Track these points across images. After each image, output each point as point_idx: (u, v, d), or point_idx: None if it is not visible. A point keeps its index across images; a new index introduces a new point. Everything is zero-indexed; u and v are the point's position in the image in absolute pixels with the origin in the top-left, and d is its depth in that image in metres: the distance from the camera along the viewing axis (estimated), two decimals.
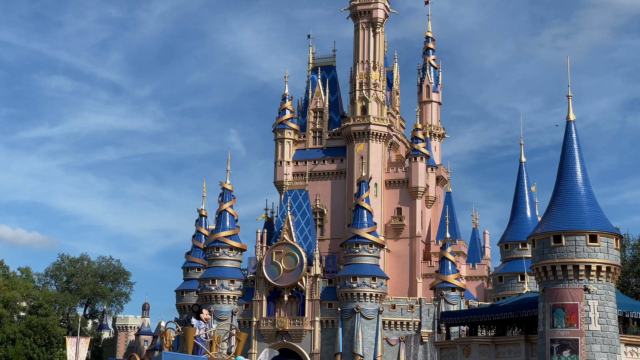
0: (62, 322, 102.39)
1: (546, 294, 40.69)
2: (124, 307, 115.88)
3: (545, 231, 41.50)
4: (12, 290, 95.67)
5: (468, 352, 46.39)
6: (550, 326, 40.09)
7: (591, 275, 39.91)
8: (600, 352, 39.42)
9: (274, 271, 78.49)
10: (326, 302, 77.58)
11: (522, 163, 66.98)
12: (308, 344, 76.93)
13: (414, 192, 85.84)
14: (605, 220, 41.56)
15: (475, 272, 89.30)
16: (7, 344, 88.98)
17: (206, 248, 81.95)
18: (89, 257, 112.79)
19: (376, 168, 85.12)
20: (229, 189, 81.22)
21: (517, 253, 65.29)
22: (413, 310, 77.16)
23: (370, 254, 76.55)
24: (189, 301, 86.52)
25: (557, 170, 43.18)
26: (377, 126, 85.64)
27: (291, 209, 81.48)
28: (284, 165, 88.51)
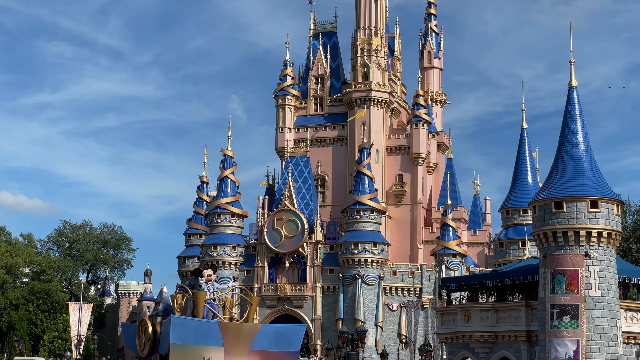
0: (65, 288, 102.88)
1: (547, 260, 40.80)
2: (126, 274, 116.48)
3: (546, 197, 41.52)
4: (15, 257, 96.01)
5: (469, 318, 46.60)
6: (550, 292, 40.23)
7: (592, 241, 39.99)
8: (601, 317, 39.59)
9: (275, 237, 78.69)
10: (327, 269, 77.90)
11: (523, 129, 66.88)
12: (309, 309, 77.34)
13: (415, 158, 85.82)
14: (606, 186, 41.56)
15: (476, 238, 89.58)
16: (11, 309, 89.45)
17: (207, 214, 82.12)
18: (90, 224, 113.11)
19: (377, 134, 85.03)
20: (230, 155, 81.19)
21: (518, 219, 65.43)
22: (414, 277, 77.48)
23: (371, 220, 76.70)
24: (191, 267, 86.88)
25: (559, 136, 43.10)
26: (378, 92, 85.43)
27: (292, 175, 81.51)
28: (285, 132, 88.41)
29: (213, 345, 17.55)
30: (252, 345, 18.28)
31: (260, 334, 18.27)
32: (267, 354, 18.56)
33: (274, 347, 18.60)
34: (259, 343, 18.32)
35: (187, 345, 16.88)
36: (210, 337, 17.51)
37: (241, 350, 18.31)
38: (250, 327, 18.47)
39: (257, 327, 18.48)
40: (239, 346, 18.18)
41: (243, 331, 18.20)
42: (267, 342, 18.49)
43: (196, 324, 17.85)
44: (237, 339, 17.87)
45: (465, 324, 46.56)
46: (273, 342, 18.68)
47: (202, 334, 17.43)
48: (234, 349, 17.89)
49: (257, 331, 18.36)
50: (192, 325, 17.70)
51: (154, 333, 18.14)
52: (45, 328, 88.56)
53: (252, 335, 18.16)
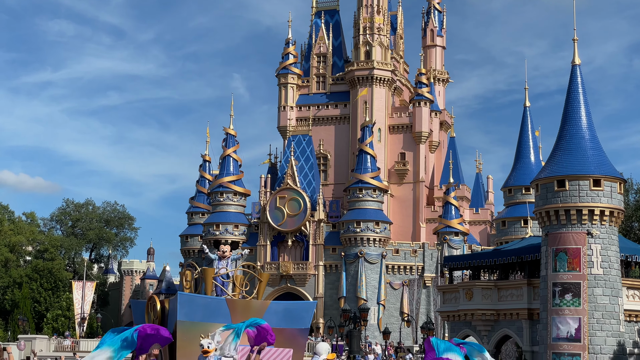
0: (68, 267, 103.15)
1: (549, 238, 40.85)
2: (129, 252, 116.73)
3: (548, 176, 41.51)
4: (18, 235, 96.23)
5: (470, 296, 46.72)
6: (552, 270, 40.31)
7: (594, 220, 40.02)
8: (602, 295, 39.70)
9: (277, 216, 78.77)
10: (330, 247, 78.03)
11: (526, 107, 66.77)
12: (312, 288, 77.56)
13: (417, 137, 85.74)
14: (609, 164, 41.53)
15: (478, 216, 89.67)
16: (14, 287, 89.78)
17: (210, 193, 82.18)
18: (93, 202, 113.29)
19: (380, 113, 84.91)
20: (232, 134, 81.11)
21: (521, 198, 65.47)
22: (416, 255, 77.61)
23: (373, 198, 76.73)
24: (194, 246, 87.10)
25: (562, 114, 43.05)
26: (380, 71, 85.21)
27: (295, 154, 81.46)
28: (288, 111, 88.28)
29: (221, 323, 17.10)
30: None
31: (269, 311, 17.94)
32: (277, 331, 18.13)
33: (284, 325, 18.25)
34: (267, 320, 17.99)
35: (194, 322, 16.74)
36: (218, 314, 17.27)
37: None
38: (259, 303, 18.15)
39: (265, 304, 18.11)
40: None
41: (251, 308, 17.88)
42: (277, 319, 18.07)
43: (203, 301, 17.50)
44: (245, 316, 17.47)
45: (467, 302, 46.71)
46: (282, 319, 18.28)
47: (209, 311, 17.23)
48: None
49: (265, 308, 18.01)
50: (199, 302, 17.36)
51: (162, 310, 17.99)
52: (49, 306, 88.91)
53: (260, 312, 17.77)
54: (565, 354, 38.90)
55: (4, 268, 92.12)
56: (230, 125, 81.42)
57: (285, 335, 18.36)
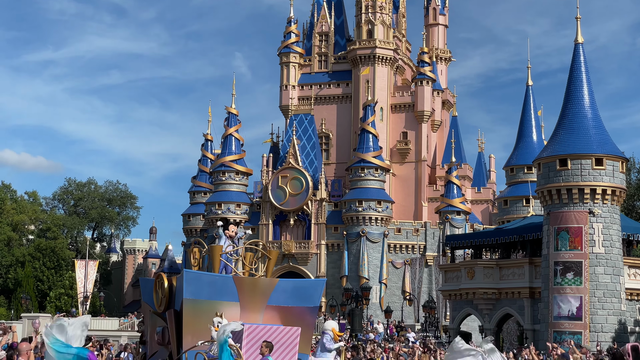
0: (71, 245, 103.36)
1: (551, 217, 40.92)
2: (131, 231, 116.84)
3: (551, 155, 41.53)
4: (20, 214, 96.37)
5: (472, 275, 46.88)
6: (554, 249, 40.41)
7: (596, 199, 40.07)
8: (604, 274, 39.82)
9: (279, 195, 78.80)
10: (332, 226, 78.08)
11: (528, 86, 66.66)
12: (314, 267, 77.72)
13: (419, 116, 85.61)
14: (611, 143, 41.53)
15: (480, 195, 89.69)
16: (17, 266, 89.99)
17: (212, 172, 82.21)
18: (95, 182, 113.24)
19: (382, 92, 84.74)
20: (234, 113, 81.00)
21: (523, 177, 65.50)
22: (418, 234, 77.71)
23: (375, 178, 76.74)
24: (196, 225, 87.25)
25: (564, 93, 43.00)
26: (383, 50, 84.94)
27: (297, 133, 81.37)
28: (290, 90, 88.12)
29: (228, 301, 16.90)
30: (269, 300, 17.48)
31: (277, 289, 17.52)
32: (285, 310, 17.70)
33: (292, 303, 17.84)
34: (276, 298, 17.43)
35: (200, 300, 16.46)
36: (225, 292, 16.91)
37: (257, 305, 17.46)
38: (267, 281, 17.70)
39: (273, 282, 17.68)
40: (255, 301, 17.36)
41: (259, 286, 17.50)
42: (285, 297, 17.69)
43: (210, 279, 17.10)
44: (253, 294, 17.14)
45: (468, 281, 46.87)
46: (291, 297, 17.84)
47: (216, 289, 16.86)
48: (250, 304, 17.18)
49: (274, 286, 17.58)
50: (205, 280, 16.97)
51: (169, 288, 17.76)
52: (52, 285, 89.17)
53: (268, 290, 17.41)
54: (566, 332, 39.08)
55: (6, 247, 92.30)
56: (232, 105, 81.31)
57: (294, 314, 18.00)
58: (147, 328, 19.89)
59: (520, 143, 65.66)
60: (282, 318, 17.84)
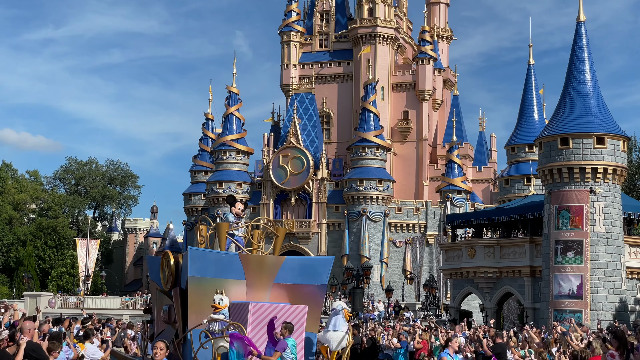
0: (72, 225, 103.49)
1: (552, 196, 40.92)
2: (132, 210, 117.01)
3: (552, 134, 41.48)
4: (22, 193, 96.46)
5: (473, 254, 46.95)
6: (555, 228, 40.45)
7: (597, 178, 40.06)
8: (605, 252, 39.87)
9: (280, 174, 78.81)
10: (332, 205, 78.16)
11: (530, 65, 66.43)
12: (315, 246, 77.84)
13: (420, 95, 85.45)
14: (612, 122, 41.47)
15: (481, 174, 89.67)
16: (18, 245, 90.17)
17: (213, 151, 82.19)
18: (96, 161, 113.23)
19: (383, 71, 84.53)
20: (235, 92, 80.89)
21: (524, 156, 65.43)
22: (419, 213, 77.78)
23: (376, 157, 76.72)
24: (197, 204, 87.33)
25: (566, 72, 42.89)
26: (384, 28, 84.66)
27: (298, 112, 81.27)
28: (291, 69, 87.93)
29: (234, 279, 16.70)
30: (276, 278, 17.27)
31: (283, 267, 17.25)
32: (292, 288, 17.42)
33: (300, 281, 17.55)
34: (283, 276, 17.19)
35: (206, 278, 16.30)
36: (231, 269, 16.68)
37: (264, 283, 17.23)
38: (274, 259, 17.46)
39: (280, 260, 17.39)
40: (261, 279, 17.16)
41: (266, 263, 17.24)
42: (292, 275, 17.43)
43: (215, 256, 16.85)
44: (259, 272, 16.94)
45: (469, 260, 46.95)
46: (298, 275, 17.57)
47: (222, 267, 16.65)
48: (256, 282, 16.99)
49: (280, 263, 17.32)
50: (211, 258, 16.71)
51: (176, 265, 17.59)
52: (53, 264, 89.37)
53: (275, 268, 17.16)
54: (566, 310, 39.18)
55: (8, 226, 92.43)
56: (233, 84, 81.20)
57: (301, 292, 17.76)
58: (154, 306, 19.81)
59: (521, 122, 65.54)
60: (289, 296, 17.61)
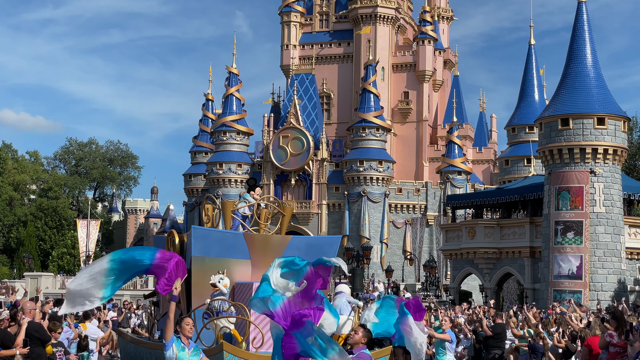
0: (72, 205, 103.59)
1: (552, 177, 40.93)
2: (132, 191, 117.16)
3: (552, 114, 41.44)
4: (22, 174, 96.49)
5: (473, 235, 47.03)
6: (555, 208, 40.49)
7: (597, 158, 40.06)
8: (604, 233, 39.93)
9: (281, 155, 78.77)
10: (333, 186, 78.15)
11: (531, 45, 66.31)
12: (315, 226, 77.91)
13: (421, 75, 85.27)
14: (613, 102, 41.42)
15: (481, 155, 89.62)
16: (19, 226, 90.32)
17: (213, 132, 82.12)
18: (96, 141, 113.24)
19: (383, 52, 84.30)
20: (235, 72, 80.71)
21: (524, 136, 65.42)
22: (419, 194, 77.80)
23: (376, 137, 76.66)
24: (197, 185, 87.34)
25: (567, 52, 42.80)
26: (384, 9, 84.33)
27: (298, 93, 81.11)
28: (291, 49, 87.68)
29: (238, 258, 16.41)
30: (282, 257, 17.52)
31: (290, 247, 16.95)
32: None
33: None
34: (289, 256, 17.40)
35: (209, 257, 16.12)
36: (236, 249, 16.35)
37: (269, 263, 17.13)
38: (279, 239, 17.20)
39: (286, 239, 17.11)
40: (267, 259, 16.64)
41: (271, 243, 16.97)
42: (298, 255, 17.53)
43: (219, 235, 16.57)
44: (264, 251, 16.61)
45: (469, 241, 47.03)
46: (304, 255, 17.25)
47: (226, 246, 16.33)
48: (261, 262, 16.55)
49: (286, 243, 17.04)
50: (215, 237, 16.42)
51: (181, 245, 17.23)
52: (54, 244, 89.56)
53: (281, 247, 16.87)
54: (566, 291, 39.29)
55: (8, 207, 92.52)
56: (233, 64, 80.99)
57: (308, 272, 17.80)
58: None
59: (522, 103, 65.47)
60: None
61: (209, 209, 18.10)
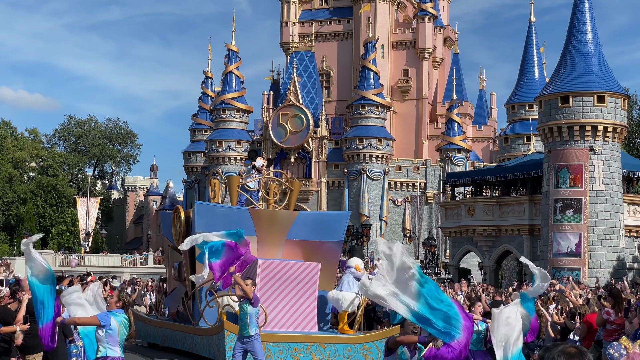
0: (72, 183, 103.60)
1: (551, 155, 40.93)
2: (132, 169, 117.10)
3: (552, 92, 41.37)
4: (21, 151, 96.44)
5: (472, 212, 47.09)
6: (554, 186, 40.51)
7: (597, 136, 40.04)
8: (604, 211, 39.98)
9: (280, 133, 78.71)
10: (332, 164, 78.15)
11: (531, 23, 66.04)
12: (314, 204, 77.97)
13: (421, 53, 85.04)
14: (613, 80, 41.34)
15: (481, 133, 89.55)
16: (19, 203, 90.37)
17: (212, 110, 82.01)
18: (96, 119, 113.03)
19: (383, 29, 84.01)
20: (234, 50, 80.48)
21: (524, 114, 65.33)
22: (419, 172, 77.82)
23: (376, 115, 76.57)
24: (197, 162, 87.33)
25: (567, 30, 42.66)
26: None
27: (297, 70, 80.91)
28: (290, 26, 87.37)
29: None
30: (289, 234, 16.71)
31: (297, 222, 16.64)
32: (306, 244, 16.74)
33: (314, 237, 16.89)
34: (296, 232, 16.57)
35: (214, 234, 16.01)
36: (241, 225, 15.91)
37: (276, 239, 16.66)
38: (285, 214, 16.87)
39: (293, 215, 16.80)
40: (273, 235, 16.58)
41: (278, 219, 16.65)
42: (306, 231, 16.77)
43: (224, 211, 16.34)
44: (271, 228, 16.38)
45: (469, 218, 47.10)
46: (312, 231, 16.90)
47: (231, 222, 16.00)
48: (268, 239, 16.46)
49: (293, 219, 16.71)
50: (219, 212, 16.22)
51: (186, 221, 16.80)
52: (54, 222, 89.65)
53: (288, 223, 16.56)
54: (565, 268, 39.39)
55: (8, 184, 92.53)
56: (232, 42, 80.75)
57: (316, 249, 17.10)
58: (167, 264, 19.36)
59: (522, 80, 65.32)
60: (303, 253, 17.04)
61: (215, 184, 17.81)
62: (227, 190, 17.74)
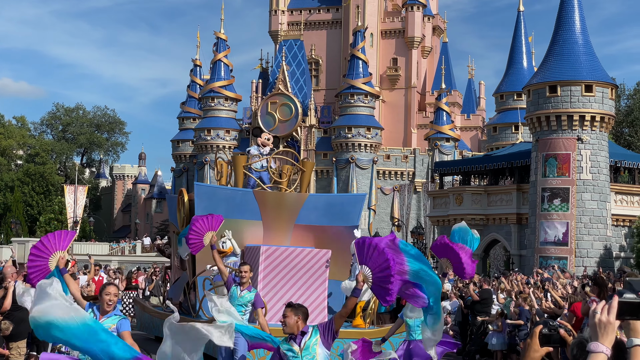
0: (60, 171, 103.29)
1: (539, 144, 41.05)
2: (120, 157, 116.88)
3: (540, 81, 41.46)
4: (9, 139, 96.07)
5: (460, 201, 47.22)
6: (542, 175, 40.64)
7: (585, 125, 40.16)
8: (591, 200, 40.13)
9: (269, 121, 78.57)
10: (321, 152, 78.10)
11: (520, 12, 66.11)
12: None
13: (410, 42, 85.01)
14: (601, 70, 41.46)
15: (469, 122, 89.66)
16: (6, 191, 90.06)
17: (201, 98, 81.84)
18: (84, 107, 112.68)
19: (372, 18, 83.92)
20: (223, 38, 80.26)
21: (512, 104, 65.47)
22: (407, 161, 77.89)
23: (365, 104, 76.55)
24: (185, 151, 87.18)
25: (555, 19, 42.73)
26: None
27: (286, 59, 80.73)
28: (279, 15, 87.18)
29: (248, 219, 15.05)
30: (298, 219, 15.40)
31: (306, 206, 15.32)
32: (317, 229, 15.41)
33: (326, 222, 15.50)
34: (305, 216, 15.26)
35: None
36: (245, 209, 14.94)
37: (283, 224, 15.36)
38: (293, 197, 15.64)
39: (302, 198, 15.52)
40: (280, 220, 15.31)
41: (285, 202, 15.42)
42: (317, 215, 15.39)
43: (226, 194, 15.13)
44: (278, 212, 15.18)
45: (457, 207, 47.23)
46: (324, 216, 15.56)
47: (234, 206, 14.95)
48: (274, 223, 15.22)
49: (302, 202, 15.42)
50: (221, 195, 15.07)
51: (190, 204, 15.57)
52: (41, 210, 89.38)
53: (296, 207, 15.31)
54: (552, 257, 39.55)
55: None
56: (221, 30, 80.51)
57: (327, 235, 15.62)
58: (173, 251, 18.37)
59: (510, 70, 65.43)
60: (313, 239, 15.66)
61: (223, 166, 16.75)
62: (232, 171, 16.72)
